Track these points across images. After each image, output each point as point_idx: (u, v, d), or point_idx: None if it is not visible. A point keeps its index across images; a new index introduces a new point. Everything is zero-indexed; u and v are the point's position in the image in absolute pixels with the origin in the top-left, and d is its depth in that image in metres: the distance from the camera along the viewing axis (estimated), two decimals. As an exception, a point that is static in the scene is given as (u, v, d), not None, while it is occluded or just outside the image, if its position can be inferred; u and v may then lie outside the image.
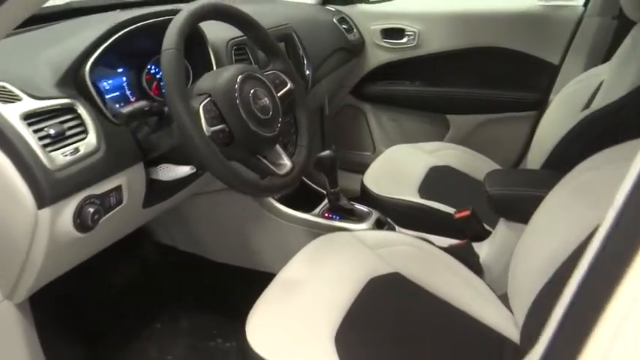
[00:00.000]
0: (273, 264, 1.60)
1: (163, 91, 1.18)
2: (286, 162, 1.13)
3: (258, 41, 1.22)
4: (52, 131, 0.89)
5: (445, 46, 2.13)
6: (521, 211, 1.18)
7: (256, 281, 1.17)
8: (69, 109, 0.95)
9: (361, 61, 2.29)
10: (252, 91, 1.06)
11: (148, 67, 1.29)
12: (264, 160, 1.09)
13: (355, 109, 2.41)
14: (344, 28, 2.13)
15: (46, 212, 0.87)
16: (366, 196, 1.65)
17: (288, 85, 1.20)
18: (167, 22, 1.02)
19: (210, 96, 1.01)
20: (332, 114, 2.28)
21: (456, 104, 2.18)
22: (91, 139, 0.96)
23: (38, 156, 0.86)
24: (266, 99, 1.08)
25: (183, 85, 0.94)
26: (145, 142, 1.09)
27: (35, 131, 0.87)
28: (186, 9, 1.02)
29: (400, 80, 2.28)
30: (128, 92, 1.26)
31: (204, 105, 0.98)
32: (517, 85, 2.08)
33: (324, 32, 2.01)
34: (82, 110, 0.97)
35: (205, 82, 1.05)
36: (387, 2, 2.33)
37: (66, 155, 0.90)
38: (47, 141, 0.89)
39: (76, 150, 0.92)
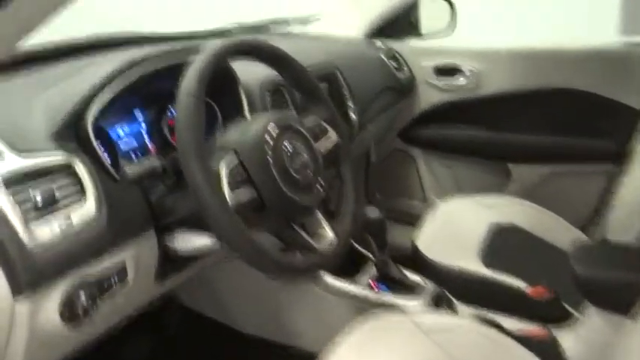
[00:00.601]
0: (310, 340, 1.40)
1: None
2: (327, 232, 0.95)
3: (295, 82, 1.05)
4: (38, 197, 0.73)
5: (508, 87, 1.93)
6: (619, 299, 0.97)
7: None
8: (64, 168, 0.79)
9: (411, 101, 2.10)
10: (288, 147, 0.88)
11: (170, 110, 1.14)
12: (301, 231, 0.91)
13: (403, 154, 2.21)
14: (393, 65, 1.96)
15: (23, 302, 0.70)
16: (419, 261, 1.44)
17: (332, 137, 1.03)
18: (189, 61, 0.86)
19: (235, 152, 0.83)
20: (378, 160, 2.09)
21: (520, 152, 1.97)
22: (89, 206, 0.79)
23: (16, 231, 0.69)
24: (305, 155, 0.90)
25: (199, 141, 0.77)
26: (159, 204, 0.92)
27: (16, 198, 0.71)
28: (208, 47, 0.85)
29: (455, 123, 2.09)
30: (147, 140, 1.11)
31: (227, 164, 0.81)
32: (592, 133, 1.85)
33: (371, 70, 1.84)
34: (80, 168, 0.81)
35: (231, 135, 0.88)
36: (442, 37, 2.15)
37: (54, 228, 0.74)
38: (31, 210, 0.72)
39: (68, 220, 0.76)
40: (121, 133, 1.05)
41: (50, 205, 0.74)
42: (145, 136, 1.11)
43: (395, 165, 2.24)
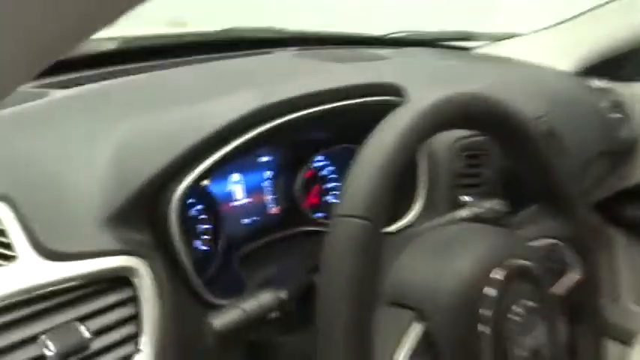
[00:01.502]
0: None
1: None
2: None
3: (535, 174, 0.62)
4: (49, 352, 0.41)
5: None
6: None
7: None
8: (116, 282, 0.46)
9: (625, 167, 1.60)
10: (517, 312, 0.49)
11: (316, 159, 0.79)
12: None
13: (597, 235, 1.72)
14: (616, 117, 1.47)
15: None
16: None
17: (573, 275, 0.61)
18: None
19: (421, 317, 0.46)
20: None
21: None
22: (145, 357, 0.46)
23: None
24: (541, 328, 0.51)
25: (364, 310, 0.40)
26: (265, 348, 0.57)
27: (10, 349, 0.40)
28: (401, 114, 0.47)
29: None
30: (269, 198, 0.77)
31: (410, 346, 0.44)
32: None
33: (587, 125, 1.36)
34: (144, 283, 0.47)
35: (411, 277, 0.50)
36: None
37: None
38: None
39: None
40: (234, 188, 0.72)
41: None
42: (269, 192, 0.77)
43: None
